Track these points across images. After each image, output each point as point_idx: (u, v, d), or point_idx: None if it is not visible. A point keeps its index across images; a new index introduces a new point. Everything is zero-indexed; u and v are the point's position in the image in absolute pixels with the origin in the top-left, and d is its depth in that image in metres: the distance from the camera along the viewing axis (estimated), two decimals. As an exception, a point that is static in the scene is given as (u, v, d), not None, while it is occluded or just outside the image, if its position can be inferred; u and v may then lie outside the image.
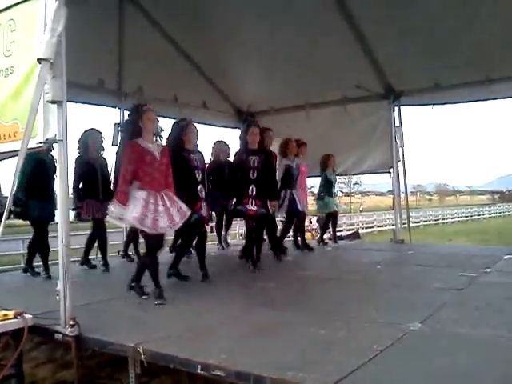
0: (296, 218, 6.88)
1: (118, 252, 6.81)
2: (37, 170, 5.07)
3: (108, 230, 5.91)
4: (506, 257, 5.94)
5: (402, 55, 6.62)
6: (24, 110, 3.08)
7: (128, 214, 3.88)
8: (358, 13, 6.26)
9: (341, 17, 6.32)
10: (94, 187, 5.54)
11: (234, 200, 5.48)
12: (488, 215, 38.14)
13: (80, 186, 5.55)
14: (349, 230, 11.93)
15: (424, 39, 6.24)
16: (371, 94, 7.47)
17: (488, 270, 5.17)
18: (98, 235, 5.78)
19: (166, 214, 4.02)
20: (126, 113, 6.57)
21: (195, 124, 5.07)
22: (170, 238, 8.90)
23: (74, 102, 5.71)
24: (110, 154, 6.02)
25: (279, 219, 7.41)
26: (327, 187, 7.64)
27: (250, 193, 5.35)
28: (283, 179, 6.57)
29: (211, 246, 7.07)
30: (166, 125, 6.29)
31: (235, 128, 8.69)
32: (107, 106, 7.22)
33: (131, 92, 7.07)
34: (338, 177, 8.27)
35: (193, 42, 7.20)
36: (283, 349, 2.77)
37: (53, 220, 5.17)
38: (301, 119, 7.83)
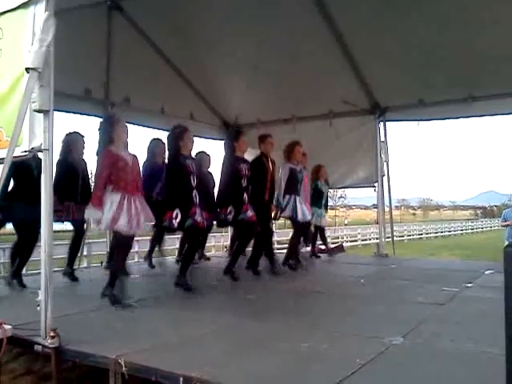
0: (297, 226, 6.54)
1: (101, 263, 6.74)
2: (20, 173, 4.93)
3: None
4: (487, 272, 6.01)
5: (388, 71, 6.74)
6: (9, 118, 3.07)
7: (104, 216, 4.12)
8: (344, 30, 6.36)
9: (328, 33, 6.41)
10: (74, 190, 5.51)
11: (230, 209, 5.41)
12: (471, 230, 38.60)
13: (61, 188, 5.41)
14: (333, 243, 11.92)
15: (408, 56, 6.37)
16: (357, 109, 7.57)
17: (470, 284, 5.22)
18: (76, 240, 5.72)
19: (137, 217, 4.26)
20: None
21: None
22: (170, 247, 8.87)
23: (60, 111, 5.67)
24: (90, 157, 5.95)
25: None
26: (317, 198, 7.47)
27: (245, 200, 5.45)
28: (288, 183, 6.31)
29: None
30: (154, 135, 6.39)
31: (222, 140, 8.70)
32: (94, 115, 7.19)
33: (118, 102, 7.07)
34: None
35: (181, 54, 7.24)
36: (266, 361, 2.76)
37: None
38: (287, 132, 7.89)
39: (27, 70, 2.96)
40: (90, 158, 5.90)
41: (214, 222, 5.83)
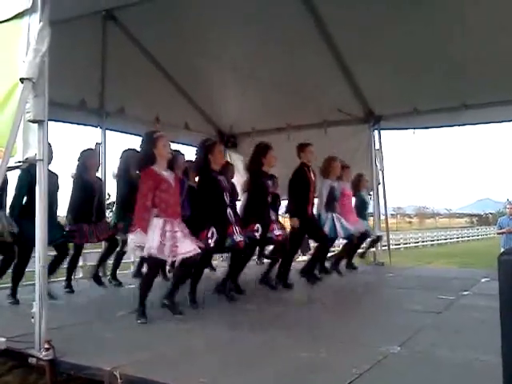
0: (328, 242, 6.34)
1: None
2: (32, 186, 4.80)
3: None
4: (483, 279, 6.01)
5: (382, 80, 6.78)
6: (4, 128, 3.05)
7: (148, 242, 3.88)
8: (338, 38, 6.40)
9: (322, 42, 6.45)
10: (89, 210, 5.43)
11: (257, 226, 5.08)
12: (467, 238, 38.59)
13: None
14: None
15: (402, 65, 6.41)
16: (352, 118, 7.60)
17: (466, 292, 5.22)
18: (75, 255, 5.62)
19: (185, 240, 4.02)
20: (108, 132, 6.51)
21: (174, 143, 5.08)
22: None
23: (54, 120, 5.66)
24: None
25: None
26: (361, 208, 7.25)
27: (272, 218, 5.34)
28: (328, 201, 6.34)
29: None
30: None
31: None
32: (89, 125, 7.19)
33: (113, 112, 7.08)
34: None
35: (175, 63, 7.26)
36: (264, 372, 2.74)
37: (54, 241, 4.69)
38: (282, 141, 7.90)
39: (21, 80, 2.95)
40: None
41: None
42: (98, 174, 5.93)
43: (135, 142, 7.33)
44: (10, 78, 3.09)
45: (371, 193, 7.79)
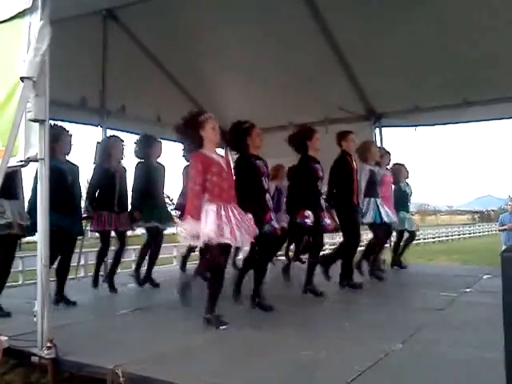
0: (379, 231, 6.05)
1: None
2: (53, 177, 4.59)
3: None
4: (485, 276, 6.01)
5: (383, 77, 6.75)
6: (5, 128, 3.05)
7: (203, 228, 3.54)
8: (339, 36, 6.39)
9: (323, 39, 6.44)
10: (110, 198, 5.28)
11: (308, 213, 4.73)
12: (468, 235, 38.57)
13: (96, 195, 5.30)
14: (331, 250, 11.86)
15: (404, 62, 6.39)
16: (353, 116, 7.59)
17: (468, 289, 5.22)
18: (105, 250, 5.55)
19: (241, 227, 3.71)
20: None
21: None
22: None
23: (55, 120, 5.64)
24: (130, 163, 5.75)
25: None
26: (402, 200, 6.84)
27: (322, 206, 5.00)
28: (368, 186, 5.87)
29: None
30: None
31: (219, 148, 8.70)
32: (89, 124, 7.19)
33: (114, 111, 7.08)
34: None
35: (176, 62, 7.26)
36: (265, 371, 2.74)
37: (77, 234, 4.79)
38: (284, 139, 7.89)
39: (22, 79, 2.95)
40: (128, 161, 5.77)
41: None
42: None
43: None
44: (12, 78, 3.09)
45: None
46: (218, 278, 3.74)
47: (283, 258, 6.96)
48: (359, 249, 5.92)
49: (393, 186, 6.69)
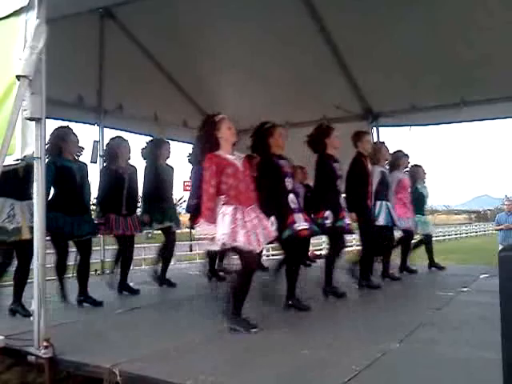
0: (408, 238, 6.10)
1: (95, 271, 6.70)
2: (62, 177, 4.43)
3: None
4: (482, 276, 6.03)
5: (380, 77, 6.76)
6: (1, 126, 3.04)
7: (218, 232, 3.47)
8: (336, 35, 6.39)
9: (321, 39, 6.44)
10: (118, 201, 5.13)
11: (328, 214, 4.64)
12: (465, 234, 38.63)
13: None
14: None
15: (400, 61, 6.39)
16: (350, 115, 7.59)
17: (465, 289, 5.23)
18: (123, 252, 5.38)
19: (256, 231, 3.62)
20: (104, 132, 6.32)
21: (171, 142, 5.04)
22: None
23: (52, 118, 5.65)
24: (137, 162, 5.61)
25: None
26: (418, 203, 6.69)
27: (342, 205, 4.85)
28: (378, 189, 5.72)
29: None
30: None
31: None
32: (86, 123, 7.18)
33: (111, 109, 7.06)
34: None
35: (174, 61, 7.24)
36: (263, 370, 2.74)
37: (87, 233, 4.64)
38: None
39: (18, 77, 2.94)
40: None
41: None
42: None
43: (133, 140, 7.35)
44: (9, 76, 3.07)
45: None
46: (248, 281, 3.63)
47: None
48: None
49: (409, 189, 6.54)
